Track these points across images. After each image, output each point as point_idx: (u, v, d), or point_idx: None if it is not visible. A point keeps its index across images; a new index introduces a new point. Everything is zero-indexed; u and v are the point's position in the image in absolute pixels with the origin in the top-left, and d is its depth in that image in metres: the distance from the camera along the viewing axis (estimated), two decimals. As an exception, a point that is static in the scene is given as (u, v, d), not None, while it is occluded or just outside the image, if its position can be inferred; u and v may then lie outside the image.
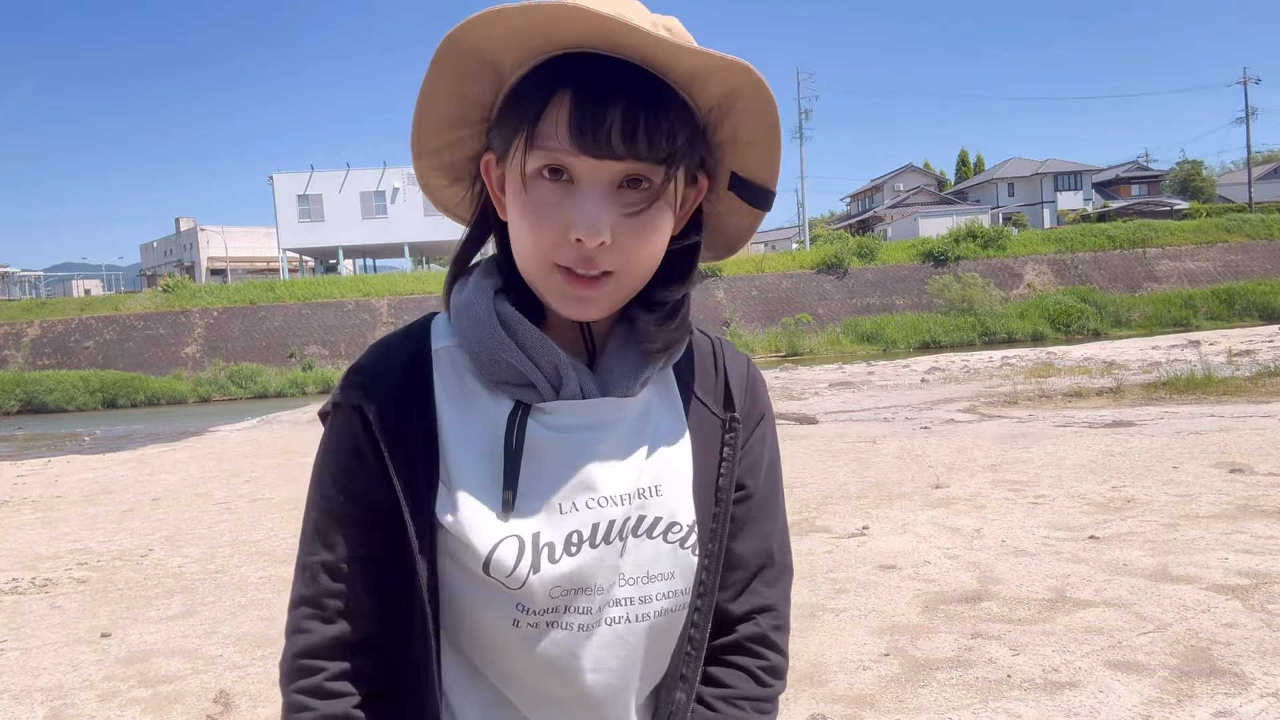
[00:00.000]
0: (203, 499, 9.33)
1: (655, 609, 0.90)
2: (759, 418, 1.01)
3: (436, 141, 0.91)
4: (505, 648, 0.88)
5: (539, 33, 0.81)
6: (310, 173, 48.94)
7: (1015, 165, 62.77)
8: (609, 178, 0.82)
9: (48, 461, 14.37)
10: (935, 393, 15.91)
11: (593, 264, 0.83)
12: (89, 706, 3.92)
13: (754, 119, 0.85)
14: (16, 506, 9.54)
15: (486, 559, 0.84)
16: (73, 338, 40.80)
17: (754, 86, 0.82)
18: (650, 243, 0.85)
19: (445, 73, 0.85)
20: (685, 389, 0.97)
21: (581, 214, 0.81)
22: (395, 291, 42.36)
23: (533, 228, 0.83)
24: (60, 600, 5.70)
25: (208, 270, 61.09)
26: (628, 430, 0.91)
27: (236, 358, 38.86)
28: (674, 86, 0.83)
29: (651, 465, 0.91)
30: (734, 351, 1.04)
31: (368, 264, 57.28)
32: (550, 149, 0.81)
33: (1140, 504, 6.32)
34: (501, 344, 0.88)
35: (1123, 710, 3.21)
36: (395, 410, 0.88)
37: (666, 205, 0.85)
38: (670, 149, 0.82)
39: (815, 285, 43.70)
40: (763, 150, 0.88)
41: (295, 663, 0.89)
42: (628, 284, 0.86)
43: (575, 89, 0.81)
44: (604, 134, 0.80)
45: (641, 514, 0.89)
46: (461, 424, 0.89)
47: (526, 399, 0.88)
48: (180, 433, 19.19)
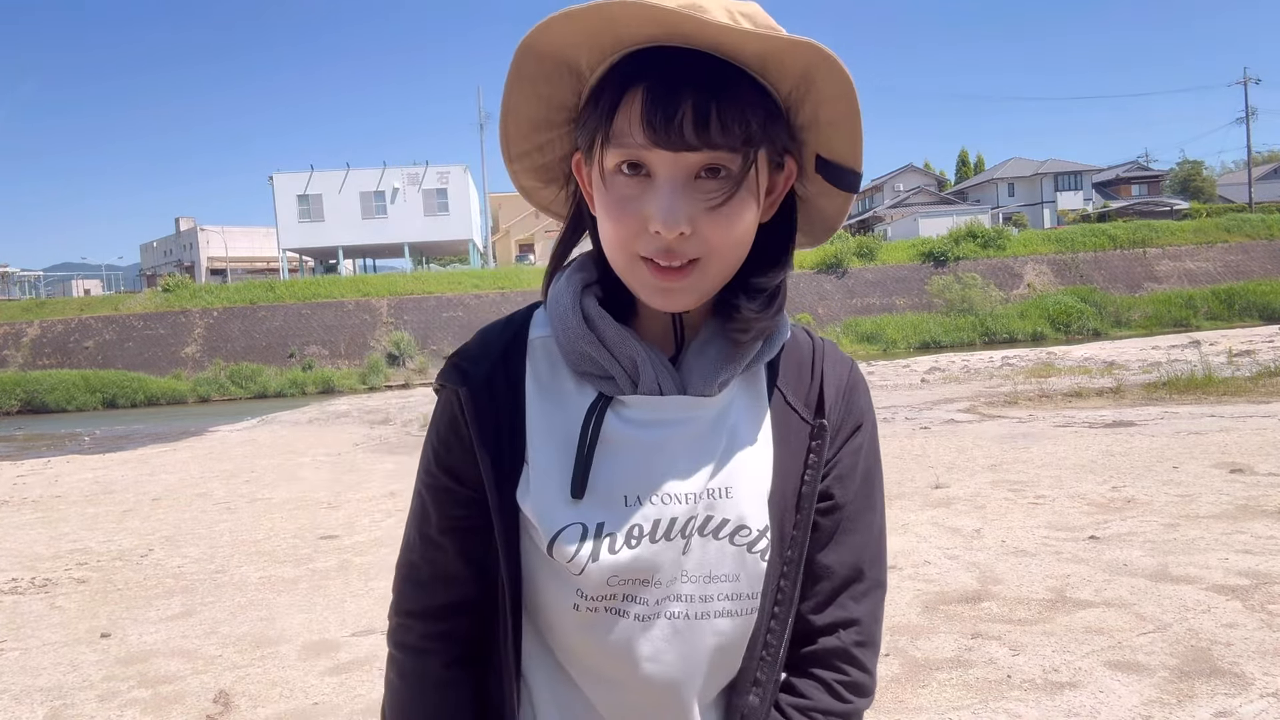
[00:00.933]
0: (203, 499, 9.33)
1: (716, 609, 0.90)
2: (855, 426, 0.99)
3: (526, 145, 0.94)
4: (565, 629, 0.92)
5: (608, 31, 0.81)
6: (310, 173, 48.93)
7: (1015, 165, 62.76)
8: (685, 169, 0.83)
9: (48, 461, 14.37)
10: (935, 393, 15.91)
11: (675, 254, 0.84)
12: (89, 706, 3.92)
13: (832, 99, 0.84)
14: (16, 506, 9.54)
15: (550, 542, 0.88)
16: (72, 338, 40.78)
17: (828, 66, 0.81)
18: (733, 230, 0.85)
19: (525, 78, 0.87)
20: (775, 392, 0.96)
21: (659, 206, 0.82)
22: (395, 291, 42.33)
23: (614, 221, 0.85)
24: (60, 600, 5.70)
25: (208, 270, 61.08)
26: (702, 430, 0.92)
27: (236, 358, 38.84)
28: (750, 72, 0.83)
29: (725, 467, 0.91)
30: (837, 354, 1.02)
31: (368, 264, 57.28)
32: (626, 145, 0.83)
33: (1140, 504, 6.32)
34: (583, 336, 0.91)
35: (1123, 710, 3.21)
36: (488, 394, 0.93)
37: (748, 191, 0.85)
38: (744, 134, 0.82)
39: (815, 285, 43.70)
40: (844, 130, 0.87)
41: (392, 621, 1.00)
42: (714, 272, 0.87)
43: (647, 84, 0.82)
44: (676, 126, 0.80)
45: (709, 514, 0.90)
46: (547, 411, 0.92)
47: (609, 391, 0.91)
48: (180, 433, 19.19)
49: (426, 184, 48.96)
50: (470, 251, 53.59)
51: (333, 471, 10.92)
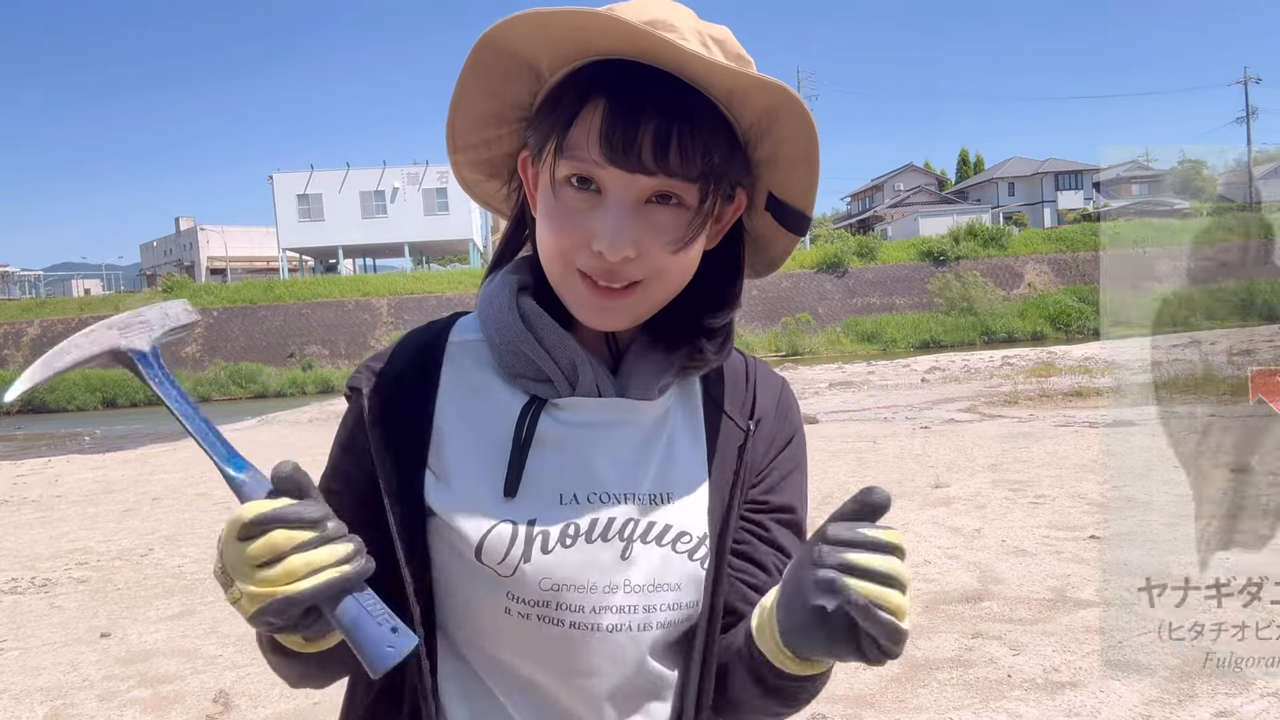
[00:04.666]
0: (203, 499, 9.33)
1: (659, 619, 0.87)
2: (788, 438, 0.98)
3: (473, 138, 0.92)
4: (496, 635, 0.87)
5: (574, 39, 0.80)
6: (310, 172, 48.91)
7: (1015, 164, 62.73)
8: (638, 191, 0.81)
9: (48, 461, 14.37)
10: (935, 392, 15.91)
11: (617, 276, 0.82)
12: (89, 706, 3.92)
13: (792, 140, 0.83)
14: (16, 506, 9.54)
15: (479, 544, 0.84)
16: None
17: (791, 107, 0.80)
18: (680, 258, 0.83)
19: (481, 71, 0.85)
20: (711, 401, 0.95)
21: (605, 227, 0.80)
22: (395, 291, 42.35)
23: (556, 232, 0.83)
24: (60, 600, 5.70)
25: (207, 270, 61.07)
26: (641, 432, 0.90)
27: (236, 357, 38.87)
28: (714, 101, 0.82)
29: (664, 472, 0.90)
30: (769, 372, 1.01)
31: (367, 264, 57.27)
32: (580, 158, 0.80)
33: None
34: (520, 336, 0.88)
35: (1123, 710, 3.21)
36: (393, 397, 0.89)
37: (697, 220, 0.83)
38: (704, 167, 0.80)
39: (815, 285, 43.72)
40: (801, 171, 0.85)
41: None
42: (656, 297, 0.85)
43: (609, 99, 0.79)
44: (635, 148, 0.78)
45: (651, 520, 0.87)
46: (469, 415, 0.89)
47: (543, 394, 0.88)
48: (180, 432, 19.15)
49: (426, 183, 48.94)
50: (470, 251, 53.58)
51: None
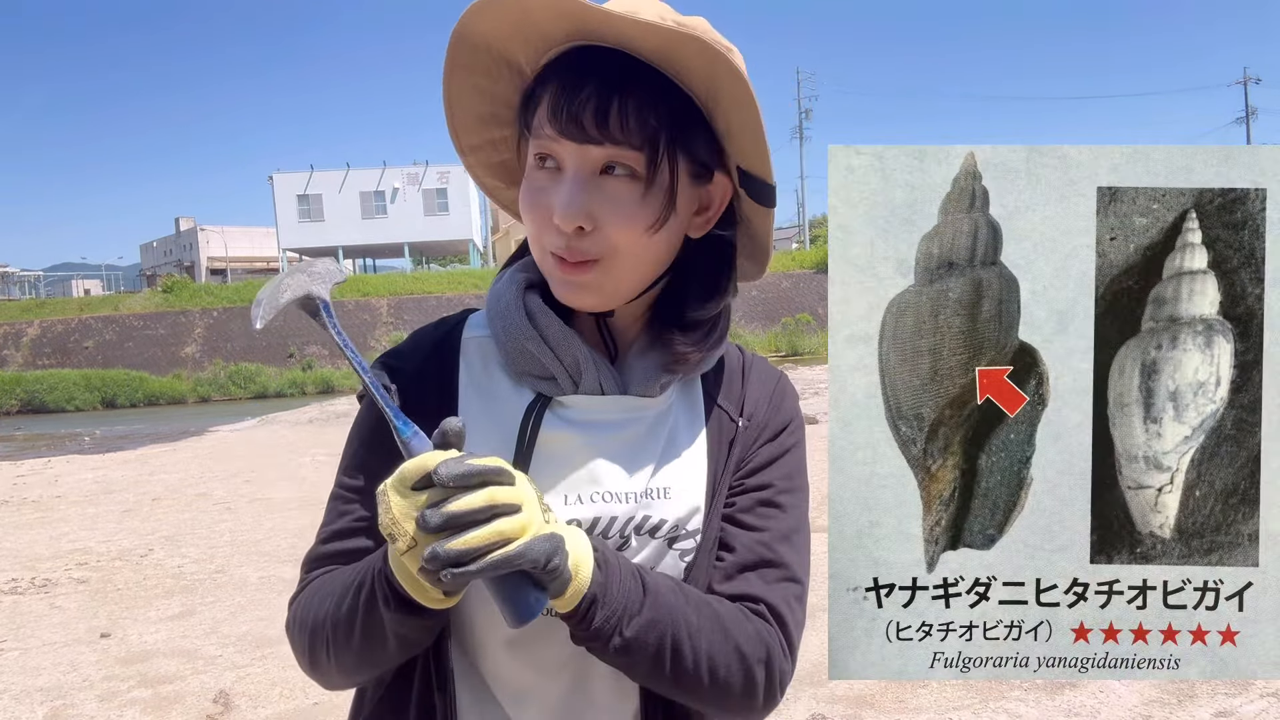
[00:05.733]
0: (203, 499, 9.33)
1: None
2: (781, 426, 0.97)
3: (476, 139, 0.94)
4: (495, 642, 0.89)
5: (530, 24, 0.83)
6: (310, 172, 48.94)
7: (1015, 165, 62.70)
8: (590, 163, 0.83)
9: (48, 461, 14.37)
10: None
11: (575, 251, 0.84)
12: (89, 706, 3.93)
13: (735, 102, 0.83)
14: (16, 506, 9.54)
15: None
16: (72, 338, 40.80)
17: (723, 66, 0.80)
18: (636, 232, 0.84)
19: (460, 67, 0.87)
20: (709, 397, 0.96)
21: (558, 198, 0.83)
22: (395, 291, 42.33)
23: (528, 213, 0.87)
24: (60, 600, 5.70)
25: (207, 270, 61.08)
26: (643, 430, 0.91)
27: (236, 358, 38.85)
28: (667, 75, 0.83)
29: (664, 467, 0.91)
30: (766, 365, 1.02)
31: (367, 264, 57.29)
32: (540, 137, 0.85)
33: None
34: (525, 334, 0.89)
35: (1123, 710, 3.21)
36: (413, 393, 0.90)
37: (658, 196, 0.84)
38: (644, 132, 0.81)
39: (815, 285, 43.72)
40: (750, 137, 0.85)
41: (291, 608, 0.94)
42: (619, 274, 0.86)
43: (559, 78, 0.83)
44: (575, 117, 0.81)
45: (647, 514, 0.89)
46: (481, 411, 0.90)
47: (548, 391, 0.89)
48: (180, 433, 19.19)
49: (426, 184, 48.97)
50: (470, 251, 53.60)
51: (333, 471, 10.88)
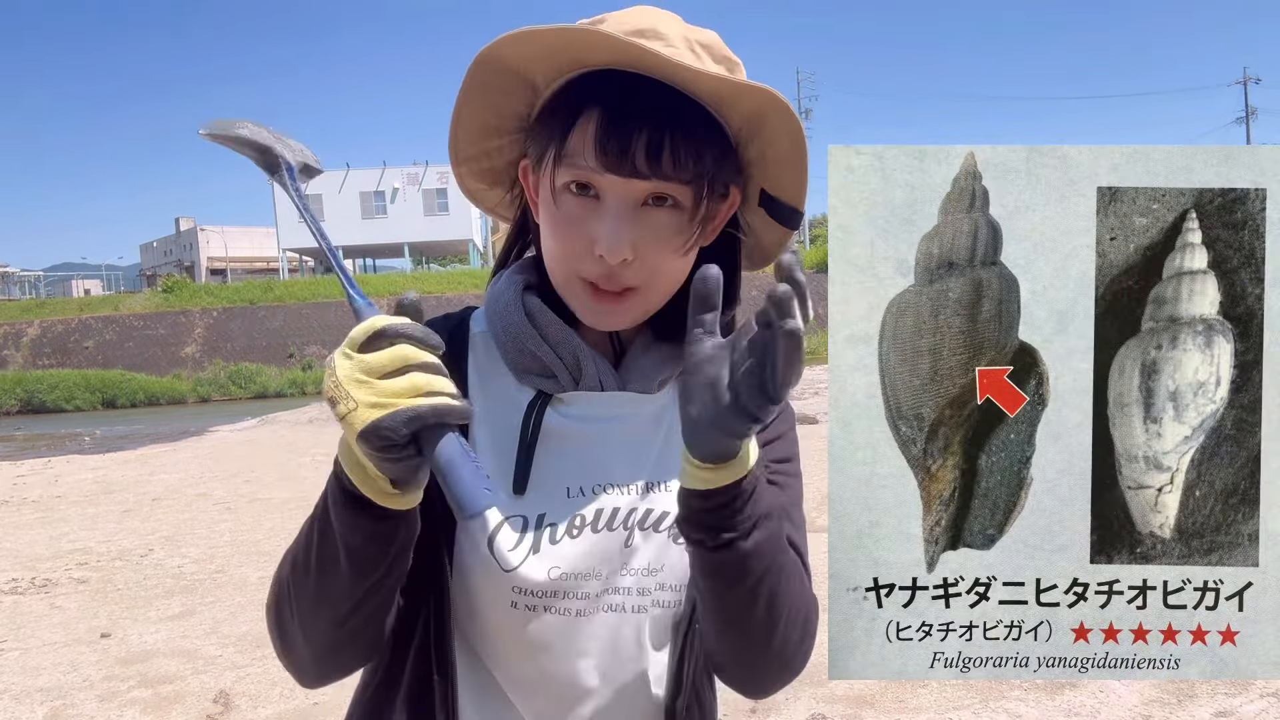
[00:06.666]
0: (203, 499, 9.33)
1: (657, 600, 0.90)
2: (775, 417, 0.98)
3: (473, 150, 0.95)
4: (499, 629, 0.89)
5: (567, 53, 0.83)
6: (310, 173, 48.91)
7: (1015, 165, 62.72)
8: (634, 195, 0.84)
9: (48, 461, 14.37)
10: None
11: (615, 280, 0.85)
12: (89, 706, 3.93)
13: (780, 140, 0.86)
14: (16, 506, 9.54)
15: (491, 536, 0.86)
16: (72, 338, 40.79)
17: (777, 109, 0.83)
18: (672, 257, 0.86)
19: (478, 88, 0.88)
20: None
21: (605, 230, 0.83)
22: (395, 291, 42.21)
23: (559, 239, 0.87)
24: (60, 600, 5.70)
25: (207, 270, 61.07)
26: (643, 424, 0.93)
27: (236, 358, 38.85)
28: (704, 105, 0.84)
29: (663, 460, 0.92)
30: None
31: (367, 264, 57.29)
32: (577, 166, 0.84)
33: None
34: (525, 333, 0.91)
35: (1123, 710, 3.21)
36: None
37: (693, 221, 0.86)
38: (696, 170, 0.83)
39: (815, 285, 43.43)
40: (790, 170, 0.89)
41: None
42: (653, 299, 0.89)
43: (602, 109, 0.83)
44: (629, 154, 0.81)
45: (649, 507, 0.90)
46: (485, 407, 0.92)
47: (549, 389, 0.91)
48: (180, 433, 19.19)
49: (426, 184, 48.96)
50: (470, 251, 53.60)
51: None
